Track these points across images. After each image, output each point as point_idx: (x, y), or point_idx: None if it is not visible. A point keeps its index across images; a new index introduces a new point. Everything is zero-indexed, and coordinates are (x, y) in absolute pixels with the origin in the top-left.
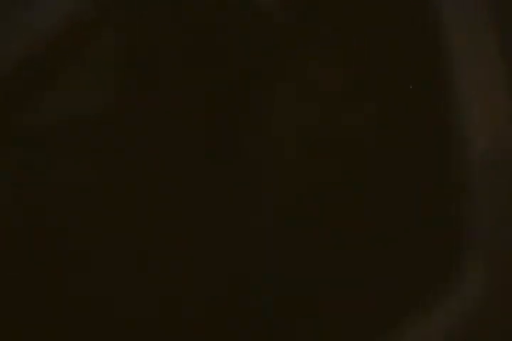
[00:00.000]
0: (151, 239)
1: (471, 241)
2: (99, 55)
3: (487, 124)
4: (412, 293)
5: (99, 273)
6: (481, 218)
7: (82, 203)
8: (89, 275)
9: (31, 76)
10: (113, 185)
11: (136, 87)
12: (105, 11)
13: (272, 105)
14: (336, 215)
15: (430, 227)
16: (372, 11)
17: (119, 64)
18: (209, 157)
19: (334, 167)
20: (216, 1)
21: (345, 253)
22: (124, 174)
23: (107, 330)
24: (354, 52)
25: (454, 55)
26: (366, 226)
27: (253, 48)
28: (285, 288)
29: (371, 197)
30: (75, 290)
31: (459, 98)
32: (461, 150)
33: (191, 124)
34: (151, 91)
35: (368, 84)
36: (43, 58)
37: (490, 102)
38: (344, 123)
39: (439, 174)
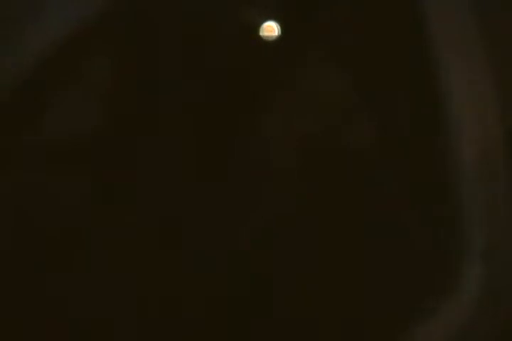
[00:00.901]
0: (149, 244)
1: (463, 242)
2: (98, 71)
3: (475, 134)
4: (404, 294)
5: (98, 277)
6: (476, 219)
7: (78, 223)
8: (88, 278)
9: (30, 96)
10: (113, 196)
11: (134, 101)
12: (106, 25)
13: (272, 116)
14: (335, 222)
15: (427, 230)
16: (372, 24)
17: (117, 81)
18: (207, 170)
19: (334, 177)
20: (220, 13)
21: (344, 258)
22: (122, 183)
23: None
24: (354, 64)
25: (448, 67)
26: (364, 234)
27: (252, 59)
28: (285, 294)
29: (370, 206)
30: (75, 292)
31: (452, 110)
32: (454, 156)
33: (187, 132)
34: (149, 103)
35: (368, 96)
36: (43, 78)
37: (478, 114)
38: (345, 135)
39: (434, 179)
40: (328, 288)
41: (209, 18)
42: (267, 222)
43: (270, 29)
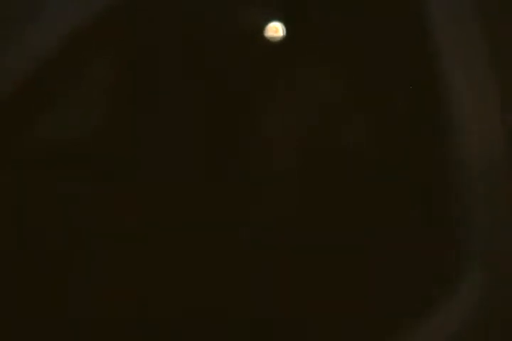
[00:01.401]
0: (150, 244)
1: (463, 242)
2: (99, 74)
3: (475, 134)
4: (403, 294)
5: (98, 276)
6: (476, 219)
7: (79, 224)
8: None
9: (31, 97)
10: (113, 195)
11: (134, 102)
12: (106, 25)
13: (272, 116)
14: (335, 222)
15: (428, 229)
16: (373, 25)
17: (117, 81)
18: (207, 170)
19: (334, 177)
20: (220, 13)
21: (344, 258)
22: (123, 183)
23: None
24: (353, 64)
25: (447, 68)
26: (364, 233)
27: (252, 59)
28: (284, 292)
29: (370, 206)
30: (75, 292)
31: (452, 110)
32: (455, 156)
33: (187, 132)
34: (148, 104)
35: (368, 96)
36: (43, 78)
37: (477, 114)
38: (345, 135)
39: (434, 179)
40: (328, 287)
41: (209, 18)
42: (267, 222)
43: (275, 29)
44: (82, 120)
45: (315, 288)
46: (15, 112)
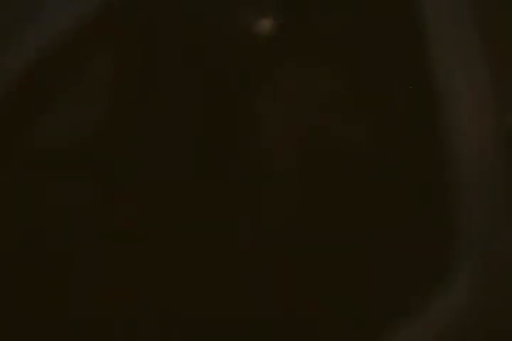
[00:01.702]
0: (149, 244)
1: (463, 242)
2: (98, 71)
3: (475, 134)
4: (404, 294)
5: (98, 276)
6: (476, 219)
7: (79, 224)
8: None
9: (31, 97)
10: (113, 195)
11: (135, 105)
12: (106, 25)
13: (272, 116)
14: (335, 222)
15: (428, 229)
16: (372, 25)
17: (117, 81)
18: (207, 170)
19: (334, 177)
20: (220, 13)
21: (344, 257)
22: (123, 182)
23: None
24: (353, 64)
25: (447, 68)
26: (364, 233)
27: (252, 59)
28: (284, 292)
29: (370, 206)
30: (75, 292)
31: (452, 110)
32: (455, 156)
33: (188, 135)
34: (148, 106)
35: (367, 96)
36: (44, 78)
37: (477, 114)
38: (344, 135)
39: (434, 179)
40: (328, 287)
41: (209, 18)
42: (266, 222)
43: (267, 27)
44: (82, 120)
45: (315, 288)
46: (15, 112)
